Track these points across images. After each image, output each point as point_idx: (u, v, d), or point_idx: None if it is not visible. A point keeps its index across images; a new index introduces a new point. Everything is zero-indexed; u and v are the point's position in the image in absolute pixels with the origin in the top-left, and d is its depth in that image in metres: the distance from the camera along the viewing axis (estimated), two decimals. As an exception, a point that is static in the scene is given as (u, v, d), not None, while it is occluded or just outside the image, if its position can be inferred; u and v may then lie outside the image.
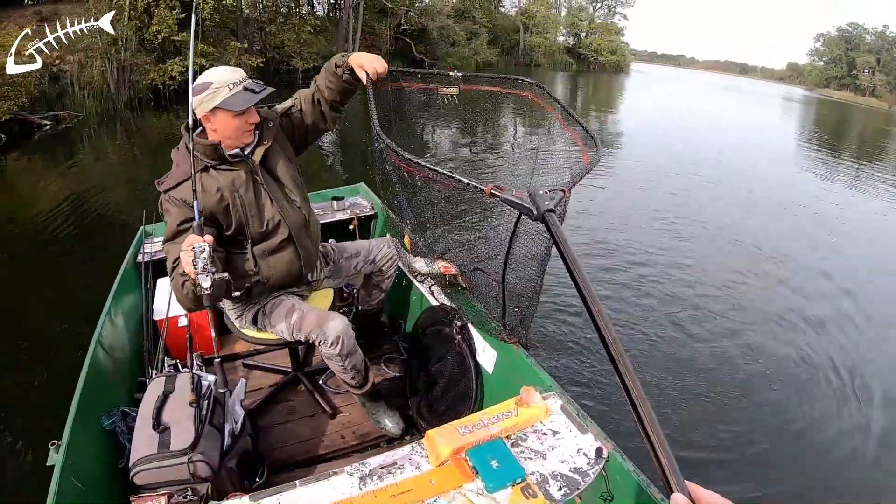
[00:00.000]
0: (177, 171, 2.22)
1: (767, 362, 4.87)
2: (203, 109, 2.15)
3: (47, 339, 4.39)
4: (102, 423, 2.24)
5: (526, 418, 1.91)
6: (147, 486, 1.95)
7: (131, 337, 2.95)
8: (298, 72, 23.62)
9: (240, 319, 2.55)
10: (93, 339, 2.50)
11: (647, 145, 15.84)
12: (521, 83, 2.47)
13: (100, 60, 15.85)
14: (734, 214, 9.47)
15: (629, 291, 6.01)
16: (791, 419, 4.16)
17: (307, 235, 2.49)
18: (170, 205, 2.18)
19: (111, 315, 2.79)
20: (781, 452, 3.80)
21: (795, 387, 4.57)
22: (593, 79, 42.82)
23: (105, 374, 2.46)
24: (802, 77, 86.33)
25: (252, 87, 2.17)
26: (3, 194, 8.95)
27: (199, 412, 2.08)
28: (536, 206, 1.32)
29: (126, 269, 3.24)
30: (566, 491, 1.68)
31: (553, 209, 1.30)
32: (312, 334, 2.35)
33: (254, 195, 2.29)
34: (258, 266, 2.36)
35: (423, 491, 1.64)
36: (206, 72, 2.19)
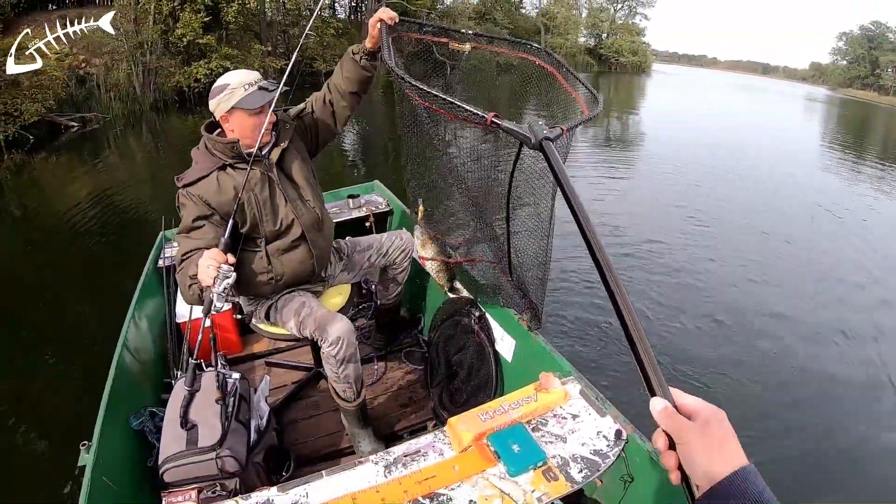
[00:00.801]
0: (196, 167, 2.28)
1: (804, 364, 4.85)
2: (221, 110, 2.21)
3: (76, 342, 4.49)
4: (131, 424, 2.30)
5: (546, 403, 1.94)
6: (176, 483, 1.99)
7: (155, 340, 3.01)
8: (321, 74, 23.81)
9: (254, 314, 2.59)
10: (118, 342, 2.55)
11: (668, 146, 15.70)
12: (530, 47, 2.49)
13: (126, 63, 16.22)
14: (760, 216, 9.36)
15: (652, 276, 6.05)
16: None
17: (320, 235, 2.52)
18: (186, 199, 2.23)
19: (135, 319, 2.85)
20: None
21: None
22: (615, 80, 42.53)
23: (131, 377, 2.52)
24: (825, 77, 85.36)
25: (266, 87, 2.22)
26: (30, 195, 9.18)
27: (226, 409, 2.11)
28: (534, 133, 1.31)
29: (147, 274, 3.30)
30: (587, 473, 1.70)
31: (551, 138, 1.29)
32: (316, 332, 2.37)
33: (269, 194, 2.33)
34: (271, 264, 2.40)
35: (447, 477, 1.67)
36: (223, 75, 2.25)
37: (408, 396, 3.04)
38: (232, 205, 2.24)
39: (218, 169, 2.25)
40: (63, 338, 4.63)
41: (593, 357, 4.32)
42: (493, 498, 1.60)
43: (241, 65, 18.63)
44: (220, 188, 2.24)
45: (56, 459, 3.21)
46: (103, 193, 8.58)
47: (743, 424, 3.87)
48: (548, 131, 1.30)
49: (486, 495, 1.61)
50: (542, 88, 2.45)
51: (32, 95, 12.01)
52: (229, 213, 2.25)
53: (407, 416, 2.90)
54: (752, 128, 22.78)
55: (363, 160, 11.52)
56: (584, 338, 4.57)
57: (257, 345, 3.40)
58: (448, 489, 1.63)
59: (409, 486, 1.63)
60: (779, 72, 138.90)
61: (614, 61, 51.19)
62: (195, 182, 2.23)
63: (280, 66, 21.36)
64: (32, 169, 10.69)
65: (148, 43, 16.81)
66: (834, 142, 22.07)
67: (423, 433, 2.71)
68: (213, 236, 2.21)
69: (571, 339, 4.55)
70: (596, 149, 14.54)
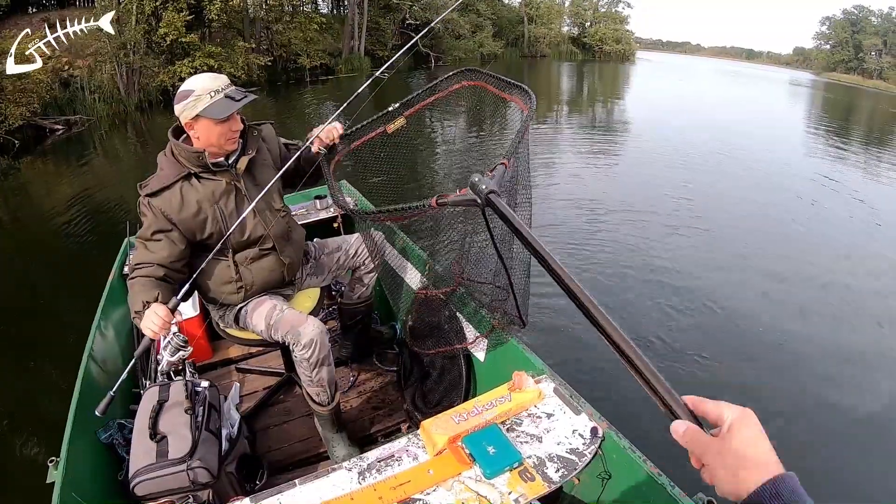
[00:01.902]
0: (160, 175, 2.23)
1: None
2: (186, 117, 2.16)
3: (47, 350, 4.41)
4: (99, 437, 2.25)
5: (520, 403, 1.93)
6: (148, 497, 1.95)
7: (123, 349, 2.95)
8: (305, 69, 24.27)
9: (223, 319, 2.55)
10: (84, 353, 2.49)
11: (653, 132, 15.77)
12: (451, 78, 2.48)
13: (109, 64, 16.36)
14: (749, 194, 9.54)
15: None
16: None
17: (290, 244, 2.49)
18: (147, 210, 2.20)
19: (101, 328, 2.79)
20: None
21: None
22: (599, 68, 42.53)
23: (99, 388, 2.45)
24: (809, 61, 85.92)
25: (233, 95, 2.16)
26: (15, 200, 9.20)
27: (195, 419, 2.08)
28: (478, 193, 1.33)
29: (113, 281, 3.24)
30: (564, 472, 1.69)
31: (494, 189, 1.29)
32: (288, 335, 2.32)
33: (235, 205, 2.29)
34: (240, 273, 2.37)
35: (421, 481, 1.65)
36: (188, 79, 2.19)
37: (381, 399, 3.02)
38: (194, 220, 2.21)
39: (183, 179, 2.21)
40: (34, 345, 4.57)
41: (566, 354, 4.32)
42: (470, 501, 1.59)
43: (225, 62, 18.96)
44: (183, 203, 2.20)
45: (25, 477, 3.13)
46: (87, 195, 8.66)
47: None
48: (490, 183, 1.32)
49: (463, 499, 1.60)
50: (481, 104, 2.46)
51: (16, 99, 12.03)
52: (191, 228, 2.22)
53: (381, 419, 2.88)
54: (738, 112, 22.94)
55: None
56: (556, 335, 4.57)
57: (227, 351, 3.35)
58: (423, 494, 1.61)
59: (383, 493, 1.61)
60: (763, 57, 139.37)
61: (598, 50, 51.24)
62: (158, 193, 2.19)
63: (264, 63, 21.66)
64: (18, 174, 10.68)
65: (131, 43, 16.91)
66: (820, 125, 22.40)
67: (397, 435, 2.71)
68: (167, 253, 2.20)
69: (543, 336, 4.54)
70: (581, 136, 14.72)
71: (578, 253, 6.47)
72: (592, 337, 3.52)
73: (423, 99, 2.49)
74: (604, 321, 0.89)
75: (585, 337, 4.54)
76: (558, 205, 8.26)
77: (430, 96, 2.49)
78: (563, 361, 4.18)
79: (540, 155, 11.70)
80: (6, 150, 11.58)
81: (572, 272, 0.99)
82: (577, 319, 4.78)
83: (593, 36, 51.81)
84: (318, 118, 16.48)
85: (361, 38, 28.15)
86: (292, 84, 23.69)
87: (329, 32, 26.60)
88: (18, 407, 3.82)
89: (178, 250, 2.23)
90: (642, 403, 3.81)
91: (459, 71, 2.47)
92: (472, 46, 36.10)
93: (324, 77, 25.54)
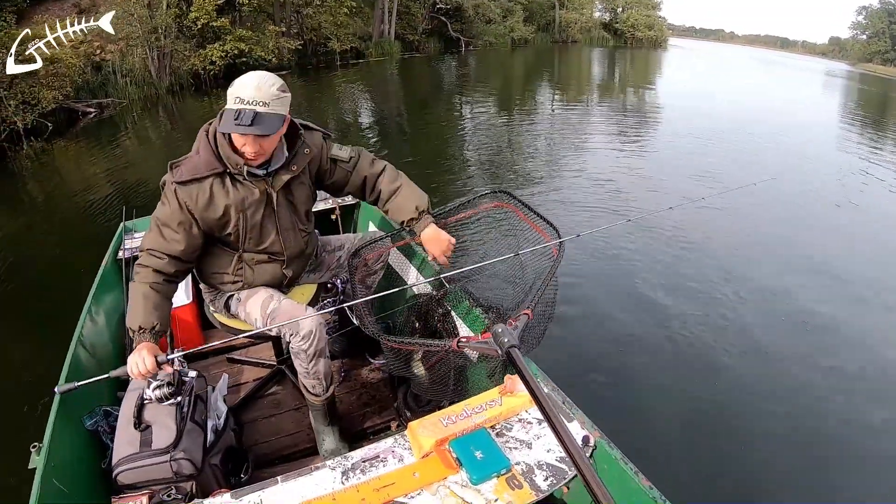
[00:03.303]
0: (195, 162, 2.09)
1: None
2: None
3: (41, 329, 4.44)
4: (84, 424, 2.21)
5: (511, 407, 1.90)
6: (130, 486, 1.93)
7: (113, 335, 2.92)
8: (336, 53, 24.61)
9: (213, 303, 2.51)
10: (73, 337, 2.46)
11: (684, 120, 15.43)
12: (484, 197, 2.47)
13: (140, 48, 16.73)
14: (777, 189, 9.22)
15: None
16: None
17: (300, 258, 2.46)
18: (172, 197, 2.09)
19: (91, 313, 2.76)
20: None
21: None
22: (631, 55, 42.09)
23: (86, 374, 2.42)
24: (845, 52, 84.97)
25: (244, 118, 1.91)
26: (48, 180, 9.43)
27: (181, 409, 2.05)
28: (499, 345, 1.37)
29: (106, 266, 3.21)
30: (552, 481, 1.67)
31: (515, 344, 1.35)
32: (286, 326, 2.27)
33: (260, 219, 2.22)
34: (242, 269, 2.33)
35: (406, 484, 1.62)
36: (246, 74, 2.01)
37: (371, 395, 2.99)
38: (217, 222, 2.15)
39: (216, 175, 2.10)
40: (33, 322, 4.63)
41: (560, 360, 4.25)
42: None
43: (256, 46, 19.38)
44: (210, 202, 2.11)
45: (4, 462, 3.10)
46: (117, 176, 8.89)
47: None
48: (510, 336, 1.36)
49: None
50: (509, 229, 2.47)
51: (49, 83, 12.15)
52: (211, 227, 2.16)
53: (370, 416, 2.85)
54: (772, 102, 22.54)
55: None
56: (551, 339, 4.49)
57: (217, 339, 3.32)
58: (407, 497, 1.59)
59: (366, 494, 1.58)
60: (797, 46, 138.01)
61: (630, 36, 50.27)
62: (188, 182, 2.08)
63: (295, 46, 22.08)
64: (51, 155, 10.93)
65: (162, 27, 17.08)
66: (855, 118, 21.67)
67: (385, 433, 2.68)
68: (184, 247, 2.12)
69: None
70: (612, 123, 14.60)
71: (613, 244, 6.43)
72: (589, 344, 3.50)
73: (454, 214, 2.49)
74: None
75: (582, 344, 4.50)
76: (590, 193, 8.25)
77: (462, 212, 2.49)
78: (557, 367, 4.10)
79: (569, 141, 11.88)
80: (40, 133, 11.83)
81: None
82: (575, 326, 4.74)
83: (625, 21, 50.69)
84: (349, 101, 16.86)
85: (392, 22, 28.30)
86: (322, 67, 23.91)
87: (359, 16, 26.69)
88: (5, 386, 3.81)
89: (196, 244, 2.17)
90: (637, 414, 3.81)
91: (494, 191, 2.47)
92: (503, 31, 36.21)
93: (354, 61, 25.76)
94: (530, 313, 1.58)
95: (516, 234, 2.40)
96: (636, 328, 4.91)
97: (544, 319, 2.14)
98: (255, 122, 1.91)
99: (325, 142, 2.37)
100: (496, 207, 2.45)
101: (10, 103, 11.24)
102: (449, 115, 15.32)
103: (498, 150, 11.02)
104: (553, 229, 2.22)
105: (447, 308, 2.65)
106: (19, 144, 11.28)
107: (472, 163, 10.24)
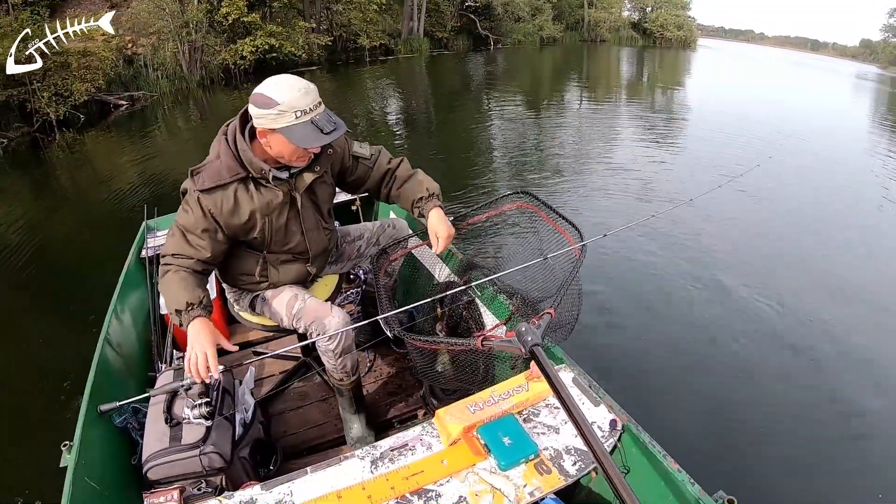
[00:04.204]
0: (216, 169, 2.06)
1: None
2: (262, 125, 1.96)
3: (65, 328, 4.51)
4: (114, 421, 2.23)
5: (537, 393, 1.88)
6: (161, 481, 1.94)
7: (139, 332, 2.94)
8: (365, 49, 24.88)
9: (238, 303, 2.50)
10: (100, 336, 2.48)
11: (714, 120, 14.96)
12: (507, 197, 2.50)
13: (172, 42, 17.19)
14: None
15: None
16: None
17: (322, 255, 2.45)
18: (196, 205, 2.05)
19: (117, 312, 2.78)
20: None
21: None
22: (660, 54, 41.38)
23: (114, 371, 2.45)
24: (875, 55, 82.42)
25: (322, 126, 1.92)
26: (78, 170, 9.89)
27: (209, 404, 2.06)
28: (523, 343, 1.41)
29: (130, 265, 3.24)
30: (581, 465, 1.65)
31: (538, 343, 1.38)
32: (312, 326, 2.27)
33: (286, 220, 2.20)
34: (267, 270, 2.32)
35: (435, 472, 1.62)
36: (275, 82, 1.94)
37: (397, 384, 2.99)
38: (242, 227, 2.13)
39: (239, 181, 2.06)
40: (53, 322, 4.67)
41: (586, 344, 4.22)
42: (484, 493, 1.56)
43: (286, 42, 19.61)
44: (235, 208, 2.07)
45: (37, 461, 3.14)
46: (146, 168, 9.20)
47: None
48: (534, 335, 1.40)
49: (476, 491, 1.57)
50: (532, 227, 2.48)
51: (81, 76, 12.70)
52: (236, 232, 2.14)
53: (396, 405, 2.85)
54: (804, 105, 21.91)
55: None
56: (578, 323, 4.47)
57: (243, 335, 3.34)
58: (436, 485, 1.58)
59: (395, 483, 1.58)
60: (828, 48, 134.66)
61: (659, 36, 49.09)
62: (212, 190, 2.04)
63: (325, 42, 22.42)
64: (83, 146, 11.42)
65: (193, 22, 17.48)
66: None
67: (412, 422, 2.68)
68: (210, 253, 2.09)
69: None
70: (640, 122, 14.41)
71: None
72: (616, 327, 3.46)
73: (478, 214, 2.51)
74: None
75: (608, 326, 4.47)
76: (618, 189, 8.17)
77: (485, 212, 2.50)
78: (584, 350, 4.07)
79: (596, 141, 11.75)
80: (72, 124, 12.39)
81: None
82: (602, 309, 4.71)
83: (654, 21, 49.36)
84: (377, 97, 16.99)
85: (421, 19, 28.33)
86: (352, 63, 24.23)
87: (389, 13, 26.89)
88: (34, 390, 3.86)
89: (221, 249, 2.15)
90: (665, 396, 3.78)
91: (516, 192, 2.48)
92: (532, 29, 35.88)
93: (383, 57, 25.99)
94: (553, 312, 1.58)
95: (538, 233, 2.41)
96: (664, 321, 4.88)
97: (573, 313, 2.13)
98: (334, 124, 1.94)
99: (346, 139, 2.35)
100: (519, 208, 2.46)
101: (43, 95, 11.73)
102: (477, 112, 15.29)
103: (525, 148, 10.93)
104: (576, 231, 2.21)
105: (471, 295, 2.64)
106: (52, 135, 11.75)
107: (498, 160, 10.20)
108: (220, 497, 1.61)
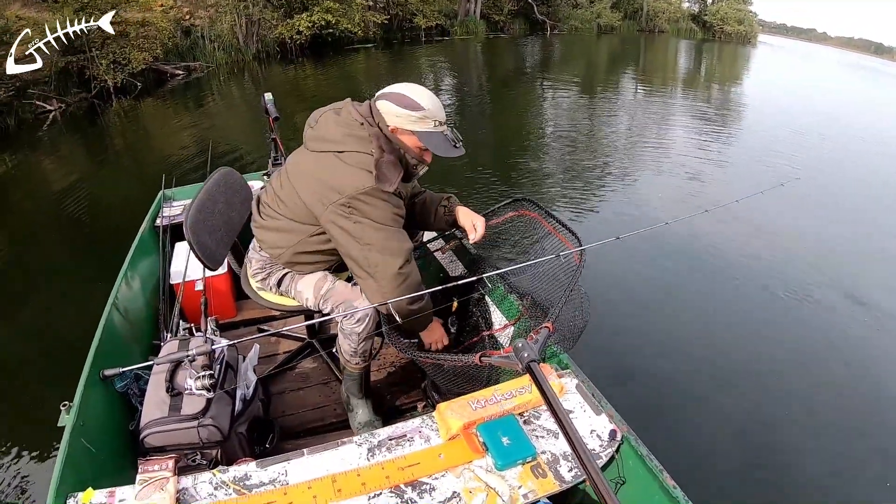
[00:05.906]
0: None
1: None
2: (399, 124, 2.01)
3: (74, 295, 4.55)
4: (115, 385, 2.24)
5: (539, 396, 1.88)
6: (156, 449, 1.94)
7: (147, 300, 2.95)
8: (421, 29, 24.95)
9: (264, 281, 2.47)
10: (108, 301, 2.49)
11: (773, 121, 14.59)
12: (508, 206, 2.54)
13: (229, 15, 17.51)
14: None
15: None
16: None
17: None
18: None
19: (128, 278, 2.79)
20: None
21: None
22: (718, 48, 40.31)
23: (119, 337, 2.46)
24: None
25: (454, 141, 2.05)
26: (134, 136, 10.26)
27: (211, 377, 2.06)
28: (520, 359, 1.41)
29: (144, 232, 3.24)
30: (576, 472, 1.65)
31: (535, 359, 1.39)
32: (340, 307, 2.27)
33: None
34: None
35: (431, 465, 1.62)
36: (412, 88, 2.04)
37: (400, 374, 2.98)
38: None
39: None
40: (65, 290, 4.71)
41: (592, 351, 4.17)
42: (478, 491, 1.55)
43: (342, 18, 19.60)
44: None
45: (37, 418, 3.17)
46: (200, 136, 9.43)
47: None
48: (531, 350, 1.40)
49: (471, 488, 1.56)
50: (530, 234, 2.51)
51: (140, 45, 13.00)
52: None
53: (398, 395, 2.84)
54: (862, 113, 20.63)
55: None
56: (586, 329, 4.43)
57: (250, 311, 3.35)
58: (431, 478, 1.58)
59: (391, 472, 1.58)
60: (893, 53, 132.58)
61: (719, 29, 47.94)
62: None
63: (381, 21, 22.44)
64: (139, 113, 11.87)
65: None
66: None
67: (412, 413, 2.67)
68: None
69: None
70: (695, 117, 14.15)
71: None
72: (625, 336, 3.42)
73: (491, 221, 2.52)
74: None
75: (617, 335, 4.43)
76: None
77: (491, 220, 2.52)
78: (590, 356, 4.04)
79: (648, 134, 11.69)
80: (129, 91, 12.75)
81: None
82: (612, 318, 4.66)
83: (714, 14, 47.89)
84: (432, 77, 17.10)
85: (478, 2, 28.35)
86: (407, 42, 24.33)
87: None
88: (40, 344, 3.89)
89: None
90: (668, 411, 3.74)
91: (516, 199, 2.52)
92: (589, 16, 35.40)
93: (438, 38, 25.98)
94: (551, 326, 1.57)
95: (541, 241, 2.43)
96: (676, 329, 4.80)
97: (580, 321, 2.13)
98: (460, 141, 2.07)
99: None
100: (519, 216, 2.48)
101: (101, 62, 12.03)
102: (530, 96, 15.33)
103: (576, 137, 10.84)
104: (575, 238, 2.21)
105: (482, 292, 2.63)
106: (109, 101, 12.11)
107: (547, 146, 10.17)
108: (215, 470, 1.62)
